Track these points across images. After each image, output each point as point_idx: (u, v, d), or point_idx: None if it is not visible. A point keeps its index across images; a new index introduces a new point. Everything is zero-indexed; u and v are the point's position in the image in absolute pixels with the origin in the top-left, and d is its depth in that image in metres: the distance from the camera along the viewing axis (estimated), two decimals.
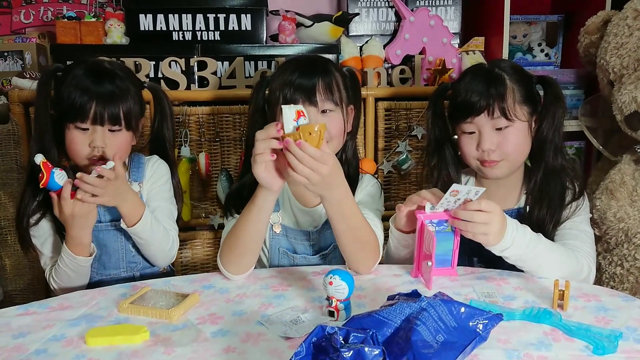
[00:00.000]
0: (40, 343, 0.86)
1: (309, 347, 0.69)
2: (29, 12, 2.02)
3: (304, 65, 1.23)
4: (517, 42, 2.09)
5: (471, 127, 1.21)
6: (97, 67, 1.24)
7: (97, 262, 1.28)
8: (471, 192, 1.03)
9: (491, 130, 1.19)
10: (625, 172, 1.46)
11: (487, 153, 1.19)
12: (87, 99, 1.18)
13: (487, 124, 1.19)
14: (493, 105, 1.17)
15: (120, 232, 1.29)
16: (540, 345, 0.83)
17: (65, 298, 1.04)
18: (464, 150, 1.24)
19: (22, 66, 1.88)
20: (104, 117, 1.20)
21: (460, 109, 1.21)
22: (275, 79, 1.25)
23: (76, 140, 1.21)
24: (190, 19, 1.80)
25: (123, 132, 1.24)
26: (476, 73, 1.23)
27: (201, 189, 1.73)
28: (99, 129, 1.20)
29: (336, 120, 1.22)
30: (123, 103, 1.22)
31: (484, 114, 1.18)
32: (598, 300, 0.99)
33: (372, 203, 1.29)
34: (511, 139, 1.19)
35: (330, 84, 1.20)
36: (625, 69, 1.50)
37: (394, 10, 1.96)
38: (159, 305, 0.96)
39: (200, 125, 1.69)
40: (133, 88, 1.27)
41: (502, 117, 1.17)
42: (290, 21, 1.85)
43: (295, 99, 1.18)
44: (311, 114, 1.19)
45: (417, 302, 0.81)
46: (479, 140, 1.20)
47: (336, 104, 1.21)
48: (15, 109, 1.63)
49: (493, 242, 1.04)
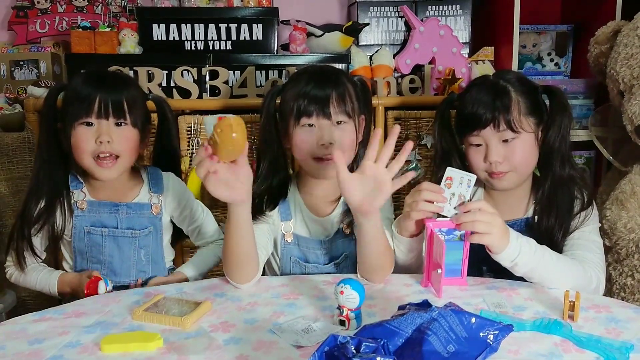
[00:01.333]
0: (56, 349, 0.88)
1: (321, 356, 0.70)
2: (45, 22, 2.05)
3: (317, 77, 1.23)
4: (527, 51, 2.10)
5: (478, 140, 1.21)
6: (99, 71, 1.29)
7: (107, 268, 1.30)
8: (464, 178, 1.06)
9: (498, 143, 1.20)
10: (635, 183, 1.46)
11: (494, 165, 1.20)
12: (91, 96, 1.21)
13: (494, 136, 1.19)
14: (498, 117, 1.17)
15: (135, 240, 1.31)
16: (550, 357, 0.83)
17: (79, 304, 1.05)
18: (472, 162, 1.25)
19: (37, 75, 1.92)
20: (108, 108, 1.21)
21: (467, 122, 1.22)
22: (288, 90, 1.26)
23: (82, 137, 1.22)
24: (203, 29, 1.82)
25: (129, 127, 1.25)
26: (481, 85, 1.23)
27: (212, 197, 1.73)
28: (104, 123, 1.22)
29: (349, 132, 1.23)
30: (127, 95, 1.24)
31: (489, 126, 1.18)
32: (609, 312, 0.99)
33: (382, 211, 1.29)
34: (518, 151, 1.19)
35: (343, 95, 1.22)
36: (635, 79, 1.50)
37: (403, 20, 1.97)
38: (172, 313, 0.97)
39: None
40: (137, 92, 1.30)
41: (508, 129, 1.17)
42: (301, 31, 1.87)
43: (309, 110, 1.20)
44: (325, 127, 1.21)
45: (428, 312, 0.82)
46: (486, 153, 1.21)
47: (349, 116, 1.23)
48: (30, 117, 1.66)
49: (498, 244, 1.04)
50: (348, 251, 1.30)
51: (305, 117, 1.21)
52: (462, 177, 1.06)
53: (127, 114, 1.24)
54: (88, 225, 1.29)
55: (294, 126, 1.23)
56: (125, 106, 1.23)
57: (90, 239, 1.30)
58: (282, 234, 1.29)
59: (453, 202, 1.07)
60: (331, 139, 1.20)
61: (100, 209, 1.30)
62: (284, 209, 1.30)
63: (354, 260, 1.25)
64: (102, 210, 1.30)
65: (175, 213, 1.38)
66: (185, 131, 1.65)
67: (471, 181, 1.06)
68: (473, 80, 1.31)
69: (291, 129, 1.24)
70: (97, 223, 1.30)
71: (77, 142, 1.23)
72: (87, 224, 1.29)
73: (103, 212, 1.30)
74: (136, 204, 1.32)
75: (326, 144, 1.20)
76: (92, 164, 1.24)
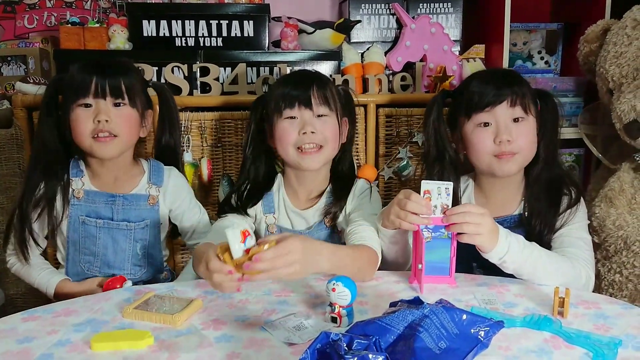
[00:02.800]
0: (46, 348, 0.87)
1: (313, 354, 0.70)
2: (33, 17, 2.03)
3: (299, 77, 1.31)
4: (517, 49, 2.11)
5: (488, 118, 1.22)
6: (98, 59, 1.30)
7: (101, 260, 1.31)
8: (441, 188, 1.06)
9: (510, 121, 1.21)
10: (624, 180, 1.47)
11: (504, 144, 1.20)
12: (88, 74, 1.22)
13: (506, 114, 1.20)
14: (513, 95, 1.20)
15: (131, 233, 1.31)
16: (540, 353, 0.84)
17: (69, 303, 1.04)
18: (478, 145, 1.24)
19: (26, 71, 1.89)
20: (105, 89, 1.22)
21: (479, 100, 1.22)
22: (272, 92, 1.31)
23: (80, 118, 1.23)
24: (193, 25, 1.81)
25: (127, 107, 1.26)
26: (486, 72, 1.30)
27: (203, 194, 1.74)
28: (102, 103, 1.23)
29: (331, 125, 1.28)
30: (124, 78, 1.25)
31: (505, 102, 1.20)
32: (598, 308, 1.00)
33: (368, 208, 1.30)
34: (525, 133, 1.22)
35: (325, 92, 1.27)
36: (624, 77, 1.51)
37: (395, 17, 1.97)
38: (163, 311, 0.97)
39: (202, 131, 1.70)
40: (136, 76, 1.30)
41: (520, 107, 1.20)
42: (292, 28, 1.86)
43: (292, 102, 1.24)
44: (306, 116, 1.26)
45: (420, 309, 0.82)
46: (497, 132, 1.21)
47: (331, 109, 1.27)
48: (18, 114, 1.64)
49: (487, 244, 1.05)
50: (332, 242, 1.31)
51: (288, 109, 1.25)
52: (439, 187, 1.06)
53: (125, 95, 1.24)
54: (83, 215, 1.30)
55: (277, 119, 1.27)
56: (123, 87, 1.24)
57: (85, 229, 1.30)
58: (266, 225, 1.34)
59: (437, 213, 1.07)
60: (313, 127, 1.24)
61: (97, 199, 1.30)
62: (268, 202, 1.34)
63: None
64: (98, 200, 1.30)
65: (173, 207, 1.38)
66: None
67: (449, 189, 1.06)
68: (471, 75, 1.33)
69: (274, 123, 1.27)
70: (92, 213, 1.30)
71: (76, 123, 1.23)
72: (82, 214, 1.29)
73: (99, 203, 1.30)
74: (133, 195, 1.32)
75: (308, 132, 1.24)
76: (91, 143, 1.24)
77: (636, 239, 1.40)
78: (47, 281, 1.28)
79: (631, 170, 1.50)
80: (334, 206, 1.31)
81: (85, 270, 1.32)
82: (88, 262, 1.32)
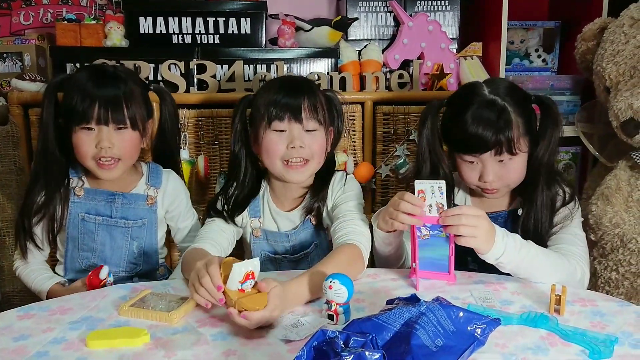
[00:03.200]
0: (41, 346, 0.87)
1: (310, 351, 0.70)
2: (29, 14, 2.02)
3: (289, 85, 1.27)
4: (515, 47, 2.11)
5: (473, 159, 1.21)
6: (99, 71, 1.27)
7: (97, 257, 1.32)
8: (435, 187, 1.05)
9: (494, 163, 1.19)
10: (620, 178, 1.47)
11: (489, 183, 1.20)
12: (90, 102, 1.21)
13: (491, 158, 1.18)
14: (500, 144, 1.15)
15: (128, 230, 1.32)
16: (537, 350, 0.84)
17: (65, 300, 1.04)
18: (464, 176, 1.24)
19: (22, 68, 1.88)
20: (107, 115, 1.22)
21: (465, 145, 1.19)
22: (259, 97, 1.28)
23: (83, 141, 1.23)
24: (190, 22, 1.81)
25: (129, 131, 1.26)
26: (479, 106, 1.17)
27: (200, 191, 1.74)
28: (104, 129, 1.23)
29: (319, 139, 1.27)
30: (126, 104, 1.24)
31: (492, 150, 1.16)
32: (594, 305, 1.00)
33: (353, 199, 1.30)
34: (512, 170, 1.20)
35: (315, 104, 1.25)
36: (621, 75, 1.51)
37: (392, 15, 1.97)
38: (159, 308, 0.97)
39: (199, 128, 1.69)
40: (137, 89, 1.29)
41: (507, 152, 1.17)
42: (289, 25, 1.86)
43: (281, 115, 1.22)
44: (295, 131, 1.24)
45: (417, 307, 0.82)
46: (482, 172, 1.20)
47: (320, 123, 1.26)
48: (14, 111, 1.63)
49: (484, 246, 1.04)
50: (318, 240, 1.35)
51: (277, 122, 1.23)
52: (432, 187, 1.05)
53: (127, 118, 1.24)
54: (83, 212, 1.30)
55: (265, 130, 1.24)
56: (125, 110, 1.23)
57: (84, 226, 1.31)
58: (251, 229, 1.34)
59: (433, 212, 1.06)
60: (302, 142, 1.23)
61: (97, 196, 1.31)
62: (253, 207, 1.34)
63: (325, 248, 1.33)
64: (97, 198, 1.31)
65: (170, 209, 1.39)
66: None
67: (442, 187, 1.05)
68: (465, 93, 1.24)
69: (261, 133, 1.25)
70: (91, 210, 1.31)
71: (78, 145, 1.24)
72: (82, 211, 1.30)
73: (99, 200, 1.31)
74: (132, 194, 1.33)
75: (296, 147, 1.23)
76: (94, 166, 1.25)
77: (632, 237, 1.41)
78: (41, 286, 1.30)
79: (628, 168, 1.50)
80: (315, 202, 1.31)
81: (83, 266, 1.32)
82: (86, 259, 1.32)
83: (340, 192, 1.31)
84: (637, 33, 1.49)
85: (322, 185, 1.33)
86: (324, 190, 1.32)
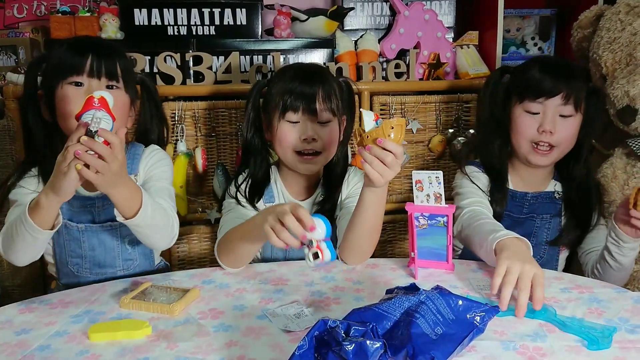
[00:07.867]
0: (44, 339, 0.87)
1: (311, 341, 0.71)
2: (22, 7, 2.00)
3: (304, 73, 1.25)
4: (511, 36, 2.11)
5: (537, 108, 1.25)
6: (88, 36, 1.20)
7: (90, 262, 1.24)
8: (432, 177, 1.08)
9: (556, 115, 1.24)
10: (617, 166, 1.48)
11: (546, 134, 1.24)
12: (83, 51, 1.12)
13: (556, 108, 1.23)
14: (570, 92, 1.22)
15: (116, 231, 1.24)
16: (535, 337, 0.85)
17: (66, 294, 1.05)
18: (521, 128, 1.28)
19: (16, 61, 1.87)
20: (101, 67, 1.12)
21: (537, 88, 1.25)
22: (274, 84, 1.27)
23: (70, 97, 1.10)
24: (185, 14, 1.79)
25: (121, 91, 1.16)
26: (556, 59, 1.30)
27: (198, 184, 1.74)
28: (95, 83, 1.12)
29: (333, 131, 1.27)
30: (119, 60, 1.16)
31: (559, 96, 1.22)
32: (591, 292, 1.01)
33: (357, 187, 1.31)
34: (569, 129, 1.25)
35: (329, 93, 1.24)
36: (617, 63, 1.51)
37: (388, 4, 1.96)
38: (160, 300, 0.97)
39: (196, 120, 1.69)
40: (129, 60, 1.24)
41: (572, 105, 1.22)
42: (285, 15, 1.85)
43: (295, 106, 1.21)
44: (309, 123, 1.23)
45: (416, 296, 0.83)
46: (542, 122, 1.24)
47: (334, 114, 1.25)
48: (10, 105, 1.62)
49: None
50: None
51: (291, 113, 1.22)
52: (430, 177, 1.08)
53: (120, 78, 1.15)
54: (65, 219, 1.18)
55: (279, 120, 1.24)
56: (119, 69, 1.15)
57: (68, 232, 1.21)
58: None
59: (431, 201, 1.08)
60: (315, 134, 1.23)
61: (73, 202, 1.19)
62: (267, 193, 1.33)
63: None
64: (75, 204, 1.20)
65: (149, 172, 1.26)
66: (169, 118, 1.64)
67: (439, 177, 1.08)
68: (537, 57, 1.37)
69: (275, 123, 1.25)
70: (73, 217, 1.21)
71: (64, 102, 1.10)
72: (65, 217, 1.18)
73: (76, 207, 1.21)
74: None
75: (309, 139, 1.23)
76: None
77: None
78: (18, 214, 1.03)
79: (624, 156, 1.51)
80: (327, 202, 1.31)
81: (75, 272, 1.25)
82: (77, 264, 1.24)
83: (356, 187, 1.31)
84: (633, 20, 1.49)
85: (335, 182, 1.33)
86: (337, 189, 1.32)
